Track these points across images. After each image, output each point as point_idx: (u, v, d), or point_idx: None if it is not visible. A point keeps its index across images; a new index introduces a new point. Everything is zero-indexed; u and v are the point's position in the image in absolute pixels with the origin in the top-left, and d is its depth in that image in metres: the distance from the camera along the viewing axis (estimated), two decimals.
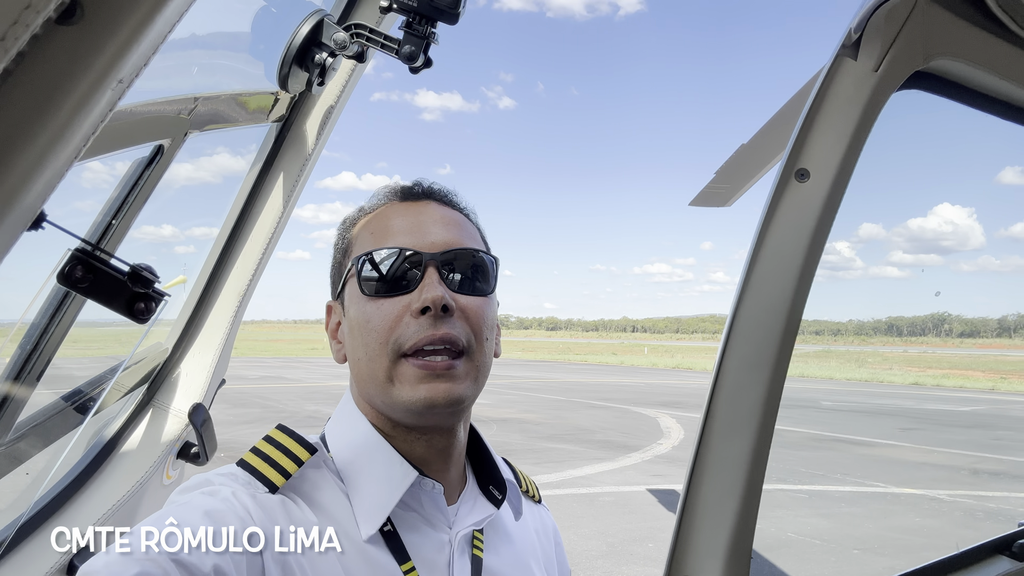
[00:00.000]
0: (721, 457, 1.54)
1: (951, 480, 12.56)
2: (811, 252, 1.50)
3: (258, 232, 2.03)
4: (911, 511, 10.56)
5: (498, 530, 1.17)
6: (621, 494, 10.94)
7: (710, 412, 1.55)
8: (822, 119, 1.51)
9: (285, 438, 1.03)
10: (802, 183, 1.51)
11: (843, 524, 9.70)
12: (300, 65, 1.62)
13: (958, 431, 18.83)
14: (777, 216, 1.52)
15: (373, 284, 1.04)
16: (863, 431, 18.60)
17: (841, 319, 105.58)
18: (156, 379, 2.09)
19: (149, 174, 1.60)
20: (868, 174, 1.62)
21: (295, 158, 1.99)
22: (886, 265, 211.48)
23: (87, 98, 0.56)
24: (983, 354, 65.48)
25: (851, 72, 1.51)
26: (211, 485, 0.96)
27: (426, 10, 1.49)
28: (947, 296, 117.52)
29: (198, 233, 2.14)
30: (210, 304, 2.10)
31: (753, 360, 1.52)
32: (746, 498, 1.53)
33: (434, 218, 1.10)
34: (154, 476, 1.97)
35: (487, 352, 1.08)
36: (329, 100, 1.95)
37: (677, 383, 36.05)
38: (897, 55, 1.50)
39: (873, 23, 1.47)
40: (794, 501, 10.77)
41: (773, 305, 1.51)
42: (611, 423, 19.21)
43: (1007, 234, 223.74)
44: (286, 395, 23.63)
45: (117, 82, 0.59)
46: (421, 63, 1.57)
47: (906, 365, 51.52)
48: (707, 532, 1.53)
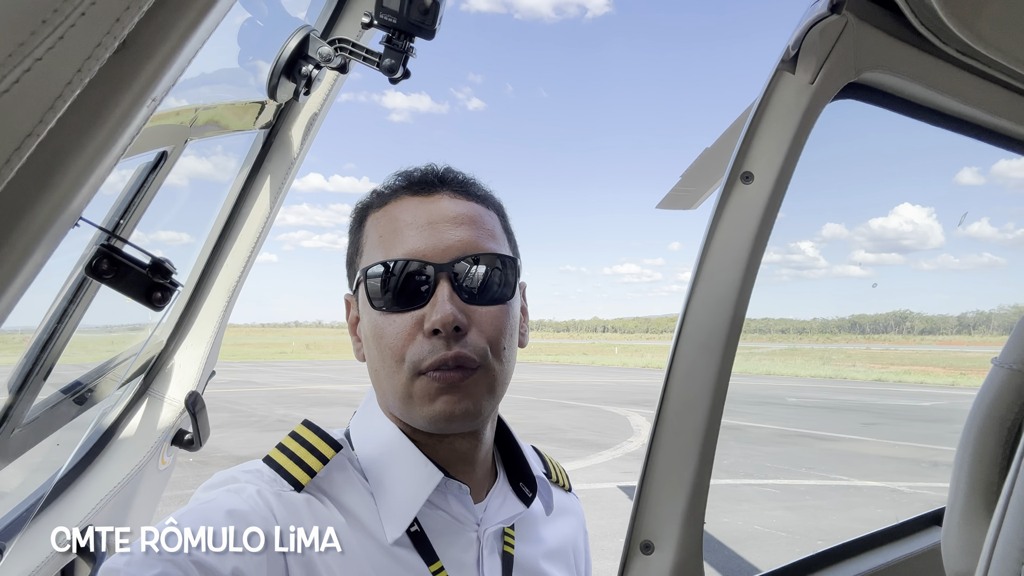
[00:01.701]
0: (676, 433, 1.63)
1: (912, 472, 12.82)
2: (756, 248, 1.62)
3: (246, 232, 2.11)
4: (873, 502, 10.80)
5: (529, 524, 1.15)
6: (592, 491, 10.96)
7: (666, 392, 1.64)
8: (764, 127, 1.63)
9: (311, 434, 1.01)
10: (747, 185, 1.62)
11: (808, 516, 9.84)
12: (288, 76, 1.73)
13: (919, 425, 19.19)
14: (725, 215, 1.63)
15: (382, 298, 1.00)
16: (827, 426, 18.84)
17: (806, 317, 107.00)
18: (152, 369, 2.17)
19: (154, 178, 1.71)
20: (808, 176, 1.77)
21: (281, 162, 2.08)
22: (849, 264, 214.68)
23: (128, 114, 0.64)
24: (943, 351, 66.72)
25: (790, 85, 1.62)
26: (236, 483, 0.94)
27: (405, 26, 1.58)
28: (908, 294, 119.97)
29: (189, 233, 2.23)
30: (202, 299, 2.18)
31: (705, 345, 1.62)
32: (698, 472, 1.62)
33: (447, 216, 1.03)
34: (150, 462, 2.05)
35: (505, 360, 1.03)
36: (313, 108, 2.05)
37: (647, 382, 36.07)
38: (831, 69, 1.60)
39: (808, 40, 1.58)
40: (761, 495, 10.91)
41: (722, 296, 1.62)
42: (582, 422, 19.22)
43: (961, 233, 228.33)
44: (255, 399, 23.08)
45: (151, 100, 0.68)
46: (400, 75, 1.68)
47: (869, 362, 52.21)
48: (664, 500, 1.63)
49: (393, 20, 1.58)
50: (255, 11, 1.68)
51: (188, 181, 2.01)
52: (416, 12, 1.57)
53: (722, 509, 9.87)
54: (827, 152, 1.90)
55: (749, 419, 19.97)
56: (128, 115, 0.66)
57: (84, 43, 0.57)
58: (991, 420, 1.00)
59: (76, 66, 0.58)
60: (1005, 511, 0.56)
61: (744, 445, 15.80)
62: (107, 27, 0.59)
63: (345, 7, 1.91)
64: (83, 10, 0.57)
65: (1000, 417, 0.99)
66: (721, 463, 13.06)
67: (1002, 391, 0.98)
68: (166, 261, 1.04)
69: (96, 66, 0.59)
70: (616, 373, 44.90)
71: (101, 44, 0.59)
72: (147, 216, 1.75)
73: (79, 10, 0.57)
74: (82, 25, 0.57)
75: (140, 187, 1.69)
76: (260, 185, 2.10)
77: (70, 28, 0.56)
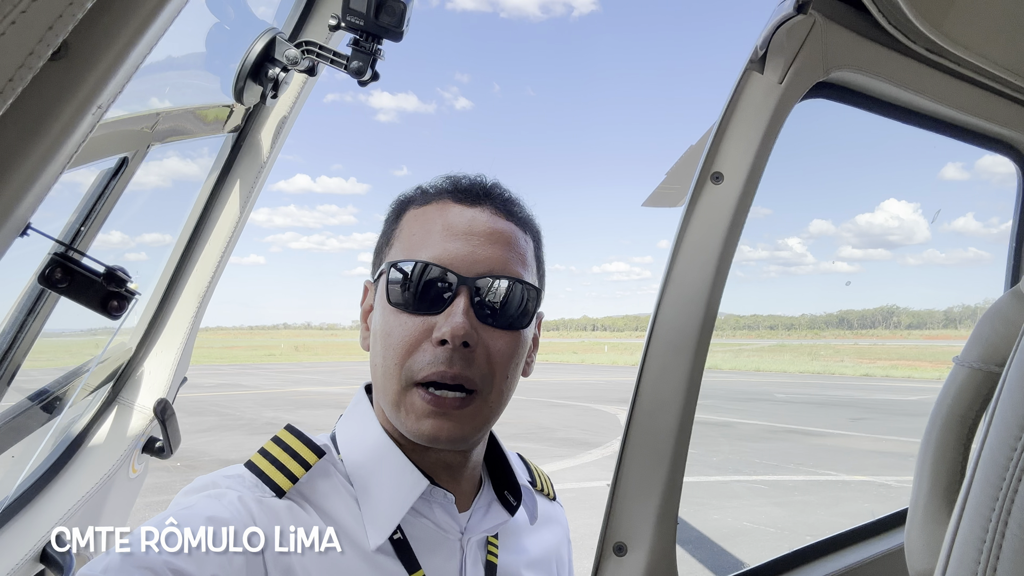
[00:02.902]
0: (648, 433, 1.63)
1: (899, 467, 12.85)
2: (726, 247, 1.62)
3: (216, 237, 2.09)
4: (861, 497, 10.85)
5: (513, 534, 1.14)
6: (582, 489, 10.97)
7: (638, 392, 1.65)
8: (733, 127, 1.63)
9: (293, 440, 0.99)
10: (717, 185, 1.62)
11: (796, 512, 9.90)
12: (255, 79, 1.71)
13: (906, 419, 19.28)
14: (695, 215, 1.63)
15: (400, 297, 0.99)
16: (816, 422, 18.97)
17: (795, 313, 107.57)
18: (121, 377, 2.15)
19: (115, 184, 1.68)
20: (778, 175, 1.77)
21: (251, 166, 2.06)
22: (837, 260, 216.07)
23: (72, 122, 0.64)
24: (930, 345, 67.18)
25: (758, 85, 1.62)
26: (217, 488, 0.93)
27: (372, 28, 1.57)
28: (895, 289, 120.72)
29: (157, 238, 2.21)
30: (171, 304, 2.15)
31: (676, 345, 1.62)
32: (671, 471, 1.62)
33: (483, 231, 1.01)
34: (120, 470, 2.02)
35: (503, 391, 1.02)
36: (283, 111, 2.04)
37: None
38: (799, 68, 1.60)
39: (776, 40, 1.58)
40: (749, 491, 10.96)
41: (693, 295, 1.62)
42: (572, 421, 19.23)
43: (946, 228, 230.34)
44: (243, 402, 22.95)
45: (97, 108, 0.67)
46: (368, 76, 1.67)
47: (857, 357, 52.56)
48: (637, 502, 1.63)
49: (360, 22, 1.57)
50: (220, 14, 1.66)
51: (155, 186, 1.99)
52: (383, 14, 1.56)
53: (711, 506, 9.91)
54: (799, 151, 1.91)
55: (738, 415, 20.05)
56: (72, 123, 0.65)
57: (15, 52, 0.57)
58: (952, 419, 1.00)
59: (7, 75, 0.57)
60: (963, 509, 0.56)
61: (733, 441, 15.86)
62: (39, 35, 0.58)
63: (313, 9, 1.90)
64: (13, 19, 0.56)
65: (960, 416, 0.99)
66: (710, 460, 13.11)
67: (962, 390, 0.98)
68: (120, 269, 1.02)
69: (29, 75, 0.58)
70: (606, 371, 44.98)
71: (34, 53, 0.58)
72: (112, 223, 1.72)
73: (8, 19, 0.56)
74: (12, 34, 0.56)
75: (100, 194, 1.66)
76: (230, 189, 2.08)
77: (0, 37, 0.55)
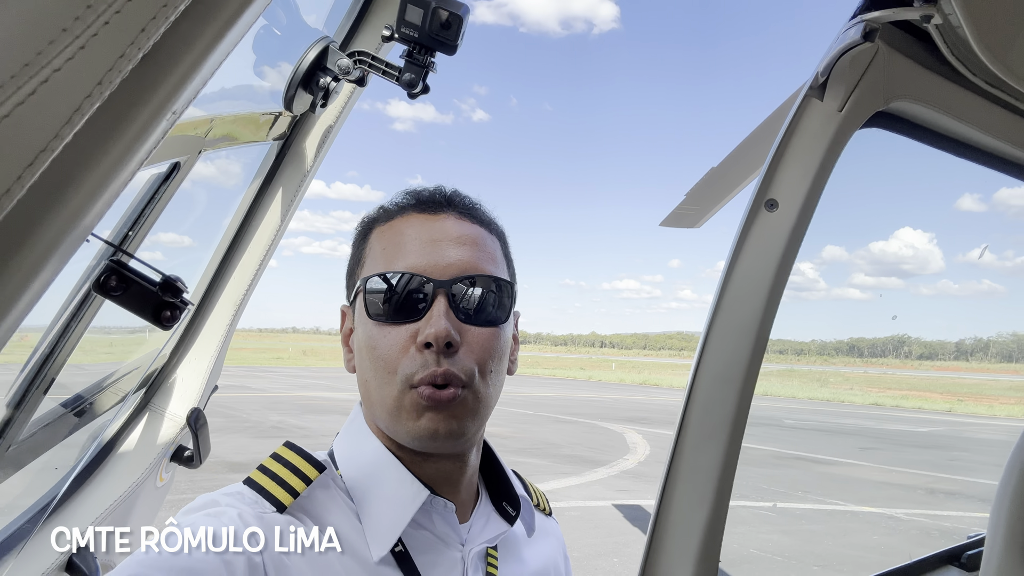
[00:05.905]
0: (692, 469, 1.60)
1: (908, 499, 12.77)
2: (779, 276, 1.58)
3: (256, 244, 2.07)
4: (869, 529, 10.73)
5: (512, 546, 1.15)
6: (587, 508, 10.95)
7: (683, 425, 1.61)
8: (790, 154, 1.60)
9: (292, 455, 1.00)
10: (771, 212, 1.59)
11: (804, 541, 9.80)
12: (305, 88, 1.70)
13: (916, 451, 19.19)
14: (748, 242, 1.60)
15: (380, 309, 1.01)
16: (824, 449, 18.85)
17: (804, 339, 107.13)
18: (153, 383, 2.13)
19: (165, 189, 1.66)
20: (834, 204, 1.73)
21: (294, 174, 2.04)
22: (849, 287, 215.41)
23: (146, 128, 0.62)
24: (941, 376, 66.75)
25: (818, 112, 1.59)
26: (217, 506, 0.93)
27: (427, 41, 1.55)
28: (906, 319, 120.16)
29: (196, 244, 2.19)
30: (207, 312, 2.14)
31: (724, 376, 1.59)
32: (715, 508, 1.59)
33: (451, 236, 1.05)
34: (149, 478, 2.00)
35: (492, 384, 1.04)
36: (328, 120, 2.01)
37: (644, 399, 36.13)
38: (860, 97, 1.58)
39: (839, 68, 1.56)
40: (756, 518, 10.87)
41: (743, 325, 1.58)
42: (578, 438, 19.19)
43: (964, 259, 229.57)
44: (250, 405, 23.05)
45: (172, 113, 0.65)
46: (419, 89, 1.65)
47: (866, 385, 52.27)
48: (678, 540, 1.59)
49: (415, 34, 1.55)
50: (274, 21, 1.65)
51: (198, 193, 1.97)
52: (438, 26, 1.54)
53: None
54: (852, 180, 1.87)
55: (746, 440, 19.74)
56: (147, 128, 0.63)
57: (106, 54, 0.55)
58: None
59: (97, 78, 0.55)
60: None
61: (740, 466, 15.68)
62: (131, 38, 0.56)
63: (365, 19, 1.88)
64: (107, 19, 0.55)
65: None
66: None
67: None
68: (178, 279, 1.00)
69: (118, 78, 0.56)
70: (613, 389, 44.88)
71: (124, 55, 0.56)
72: (159, 229, 1.70)
73: (102, 19, 0.54)
74: (105, 35, 0.54)
75: (151, 199, 1.64)
76: (272, 197, 2.06)
77: (92, 38, 0.53)
